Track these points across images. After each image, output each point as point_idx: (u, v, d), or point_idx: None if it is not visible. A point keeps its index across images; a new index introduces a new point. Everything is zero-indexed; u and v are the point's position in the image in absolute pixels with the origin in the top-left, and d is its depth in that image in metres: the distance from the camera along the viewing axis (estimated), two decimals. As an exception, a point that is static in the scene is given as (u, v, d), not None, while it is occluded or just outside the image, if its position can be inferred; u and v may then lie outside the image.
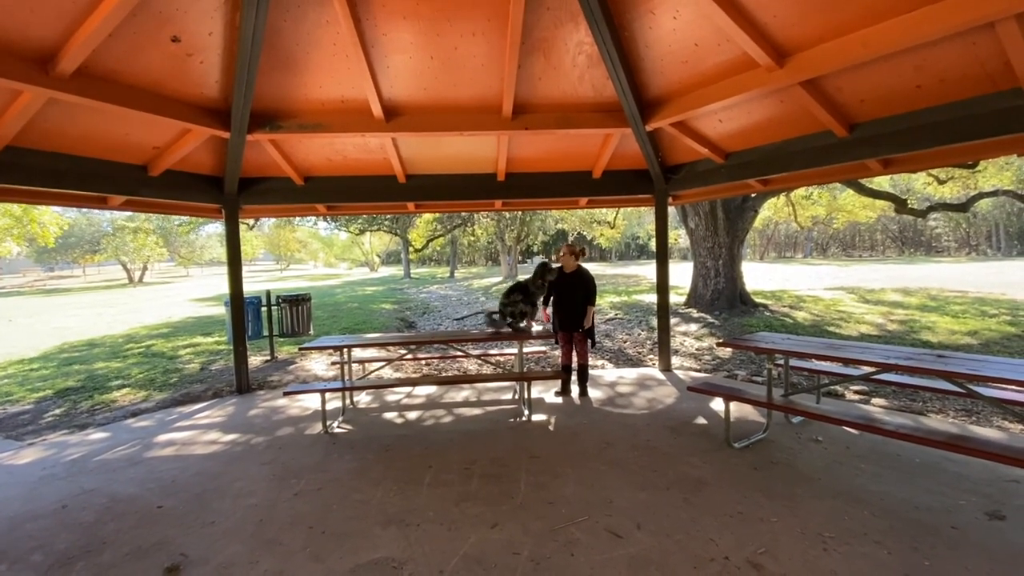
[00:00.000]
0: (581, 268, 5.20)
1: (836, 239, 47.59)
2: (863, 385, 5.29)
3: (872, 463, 3.51)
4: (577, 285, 5.13)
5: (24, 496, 3.41)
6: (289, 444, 4.23)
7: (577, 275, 5.16)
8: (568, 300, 5.15)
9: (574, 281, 5.15)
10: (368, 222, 26.27)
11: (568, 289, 5.16)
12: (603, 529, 2.79)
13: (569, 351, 5.35)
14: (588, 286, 5.11)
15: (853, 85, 4.00)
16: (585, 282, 5.11)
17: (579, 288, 5.11)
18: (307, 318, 8.09)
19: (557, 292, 5.24)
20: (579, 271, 5.18)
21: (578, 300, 5.09)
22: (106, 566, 2.59)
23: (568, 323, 5.16)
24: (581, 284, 5.12)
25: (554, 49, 4.72)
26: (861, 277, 18.26)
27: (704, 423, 4.40)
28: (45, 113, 3.98)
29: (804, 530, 2.72)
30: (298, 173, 5.92)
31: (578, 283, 5.13)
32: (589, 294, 5.09)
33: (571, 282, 5.16)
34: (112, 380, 6.93)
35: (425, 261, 48.66)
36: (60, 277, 40.54)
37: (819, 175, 5.47)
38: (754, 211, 10.78)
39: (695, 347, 7.78)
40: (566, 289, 5.17)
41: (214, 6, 3.96)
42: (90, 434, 4.71)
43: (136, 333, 11.49)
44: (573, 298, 5.12)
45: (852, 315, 10.17)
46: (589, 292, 5.10)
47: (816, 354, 3.57)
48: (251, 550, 2.70)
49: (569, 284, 5.16)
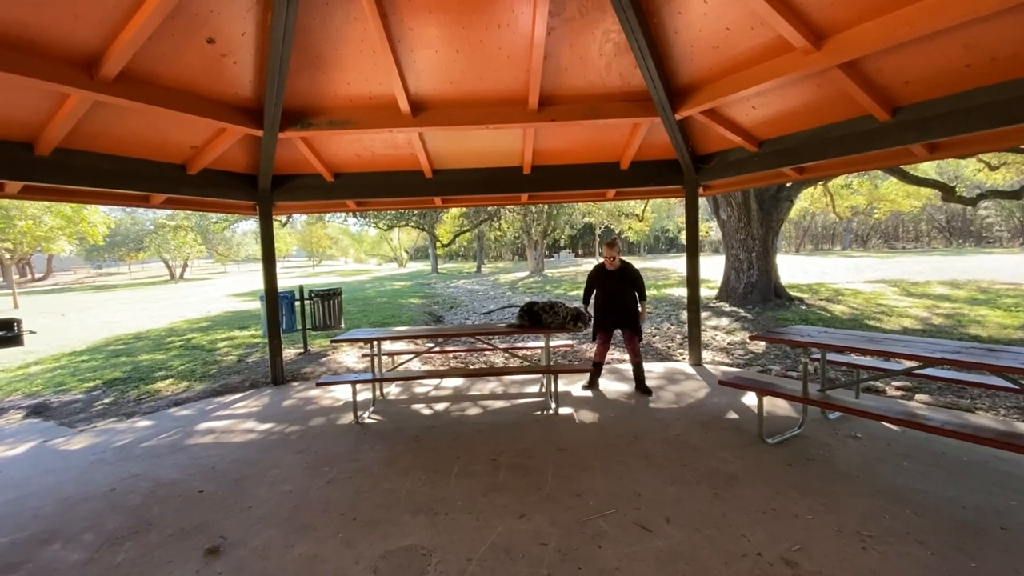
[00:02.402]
0: (625, 263, 5.02)
1: (877, 230, 45.68)
2: (905, 380, 5.07)
3: (915, 461, 3.37)
4: (625, 280, 4.96)
5: (77, 479, 3.61)
6: (321, 434, 4.35)
7: (623, 270, 4.98)
8: (618, 298, 4.96)
9: (621, 277, 4.97)
10: (396, 218, 26.62)
11: (616, 286, 4.97)
12: (631, 522, 2.76)
13: (605, 349, 5.22)
14: (637, 280, 4.97)
15: (896, 66, 3.81)
16: (633, 277, 4.97)
17: (627, 283, 4.95)
18: (338, 312, 8.27)
19: (603, 291, 5.04)
20: (624, 266, 5.00)
21: (627, 297, 4.94)
22: (152, 546, 2.72)
23: (619, 321, 4.97)
24: (629, 279, 4.96)
25: (580, 38, 4.66)
26: (904, 269, 17.47)
27: (736, 418, 4.31)
28: (90, 116, 4.17)
29: (841, 528, 2.64)
30: (328, 169, 6.04)
31: (626, 278, 4.96)
32: (640, 289, 4.97)
33: (618, 278, 4.98)
34: (156, 371, 7.25)
35: (452, 256, 49.07)
36: (108, 274, 42.60)
37: (859, 162, 5.24)
38: (789, 201, 10.44)
39: (726, 341, 7.61)
40: (613, 286, 4.98)
41: (246, 7, 4.06)
42: (136, 422, 4.94)
43: (177, 327, 11.98)
44: (623, 295, 4.94)
45: (894, 309, 9.76)
46: (640, 287, 4.97)
47: (855, 347, 3.43)
48: (286, 534, 2.78)
49: (617, 280, 4.97)
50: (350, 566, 2.48)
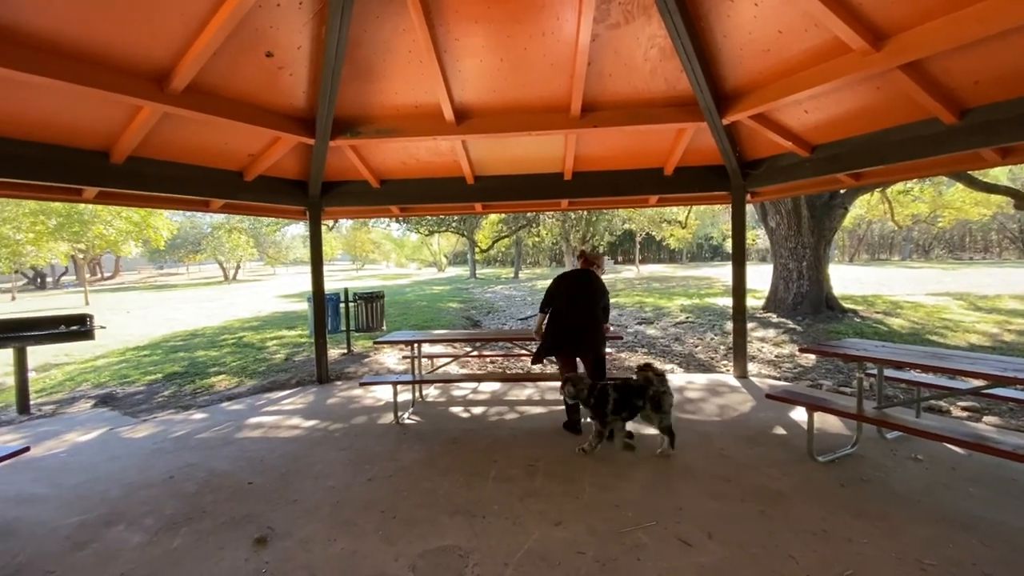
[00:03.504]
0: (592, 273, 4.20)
1: (941, 239, 42.84)
2: (972, 401, 4.73)
3: (983, 487, 3.14)
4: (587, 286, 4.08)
5: (139, 466, 3.85)
6: (363, 432, 4.46)
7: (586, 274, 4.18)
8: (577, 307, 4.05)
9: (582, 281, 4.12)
10: (437, 223, 27.10)
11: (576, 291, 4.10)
12: (672, 536, 2.70)
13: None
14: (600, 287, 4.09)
15: (964, 66, 3.59)
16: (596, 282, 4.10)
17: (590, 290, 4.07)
18: (380, 314, 8.48)
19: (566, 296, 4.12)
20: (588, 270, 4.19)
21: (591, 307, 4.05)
22: (205, 532, 2.87)
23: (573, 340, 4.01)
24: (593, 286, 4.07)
25: (625, 44, 4.63)
26: (972, 282, 16.32)
27: (783, 434, 4.13)
28: (159, 126, 4.47)
29: (900, 555, 2.48)
30: (374, 176, 6.23)
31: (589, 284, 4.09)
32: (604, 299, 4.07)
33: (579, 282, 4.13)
34: (210, 367, 7.65)
35: (490, 262, 49.42)
36: (168, 274, 45.33)
37: (922, 167, 4.96)
38: (843, 208, 9.96)
39: (774, 354, 7.32)
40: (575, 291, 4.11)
41: (302, 21, 4.26)
42: (192, 414, 5.22)
43: (230, 325, 12.60)
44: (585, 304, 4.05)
45: (960, 323, 9.13)
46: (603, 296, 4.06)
47: (916, 363, 3.23)
48: (329, 528, 2.87)
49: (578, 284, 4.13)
50: (389, 563, 2.53)
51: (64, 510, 3.17)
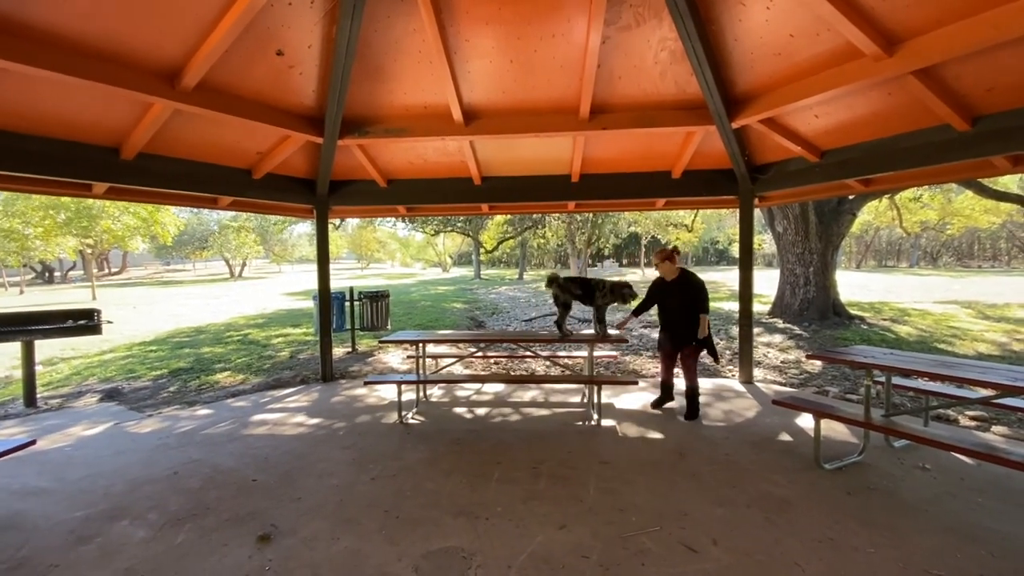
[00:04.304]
0: (685, 271, 4.70)
1: (949, 247, 42.55)
2: (981, 410, 4.69)
3: (992, 498, 3.10)
4: (683, 292, 4.62)
5: (143, 461, 3.87)
6: (367, 431, 4.46)
7: (681, 280, 4.66)
8: (674, 310, 4.67)
9: (678, 288, 4.66)
10: (442, 224, 27.13)
11: (671, 298, 4.68)
12: (676, 541, 2.68)
13: (670, 366, 4.90)
14: (696, 291, 4.56)
15: (978, 72, 3.56)
16: (693, 287, 4.58)
17: (686, 295, 4.60)
18: (385, 314, 8.49)
19: (660, 304, 4.78)
20: (683, 275, 4.68)
21: (685, 309, 4.58)
22: (209, 529, 2.87)
23: (677, 338, 4.67)
24: (689, 290, 4.59)
25: (635, 47, 4.62)
26: (980, 290, 16.18)
27: (789, 440, 4.10)
28: (170, 123, 4.49)
29: (907, 565, 2.45)
30: (382, 176, 6.24)
31: (684, 289, 4.61)
32: (700, 300, 4.54)
33: (674, 290, 4.68)
34: (216, 363, 7.68)
35: (495, 263, 49.44)
36: (175, 270, 45.60)
37: (932, 174, 4.93)
38: (852, 214, 9.92)
39: (779, 359, 7.28)
40: (668, 298, 4.70)
41: (313, 21, 4.27)
42: (197, 410, 5.24)
43: (236, 322, 12.65)
44: (679, 308, 4.62)
45: (968, 332, 9.05)
46: (699, 298, 4.55)
47: (924, 371, 3.20)
48: (332, 527, 2.87)
49: (672, 292, 4.68)
50: (392, 563, 2.52)
51: (68, 504, 3.19)
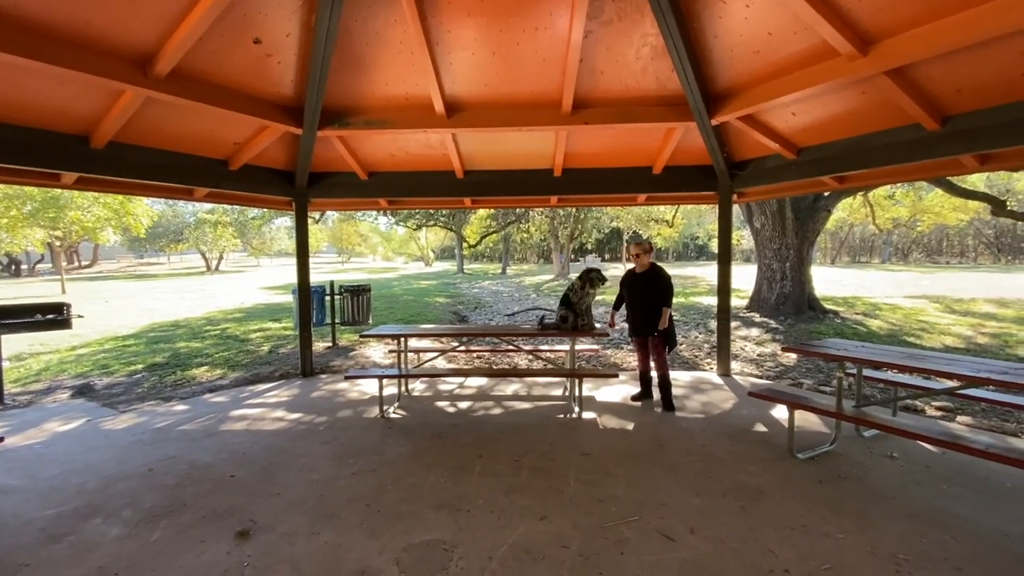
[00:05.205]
0: (655, 267, 4.88)
1: (920, 243, 43.82)
2: (947, 401, 4.86)
3: (955, 484, 3.23)
4: (650, 285, 4.81)
5: (117, 458, 3.78)
6: (348, 426, 4.43)
7: (650, 274, 4.85)
8: (640, 302, 4.85)
9: (646, 281, 4.85)
10: (425, 217, 26.93)
11: (640, 290, 4.86)
12: (654, 531, 2.73)
13: (645, 357, 5.06)
14: (662, 285, 4.75)
15: (947, 73, 3.67)
16: (659, 281, 4.77)
17: (652, 288, 4.79)
18: (367, 308, 8.41)
19: (629, 294, 4.96)
20: (653, 270, 4.86)
21: (651, 301, 4.76)
22: (186, 526, 2.83)
23: (641, 327, 4.85)
24: (655, 284, 4.78)
25: (617, 42, 4.64)
26: (948, 285, 16.74)
27: (764, 431, 4.20)
28: (142, 112, 4.37)
29: (875, 549, 2.55)
30: (363, 168, 6.16)
31: (651, 283, 4.81)
32: (663, 294, 4.74)
33: (643, 282, 4.86)
34: (193, 358, 7.52)
35: (478, 257, 49.32)
36: (148, 264, 44.38)
37: (904, 172, 5.07)
38: (827, 211, 10.14)
39: (756, 352, 7.43)
40: (638, 290, 4.88)
41: (292, 8, 4.19)
42: (174, 406, 5.13)
43: (213, 317, 12.40)
44: (646, 299, 4.81)
45: (936, 326, 9.36)
46: (663, 292, 4.75)
47: (893, 363, 3.31)
48: (312, 522, 2.85)
49: (641, 284, 4.87)
50: (374, 556, 2.52)
51: (39, 502, 3.11)
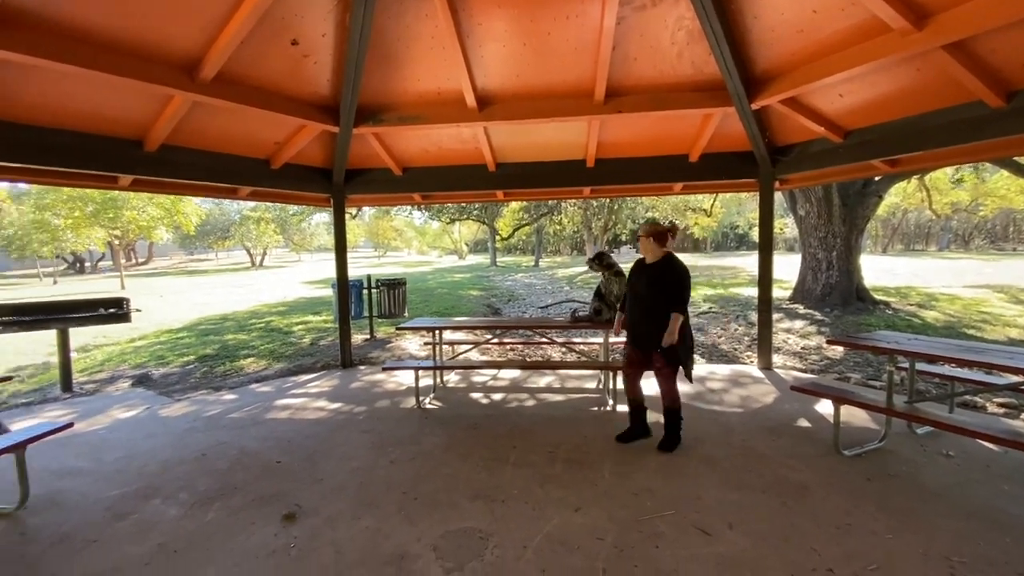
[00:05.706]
0: (670, 256, 3.50)
1: (982, 229, 40.98)
2: (1010, 397, 4.57)
3: (1018, 484, 3.04)
4: (655, 280, 3.45)
5: (173, 444, 4.02)
6: (386, 416, 4.55)
7: (661, 266, 3.48)
8: (642, 302, 3.51)
9: (654, 274, 3.48)
10: (458, 211, 27.15)
11: (643, 286, 3.51)
12: (691, 525, 2.69)
13: (637, 376, 3.69)
14: (671, 280, 3.39)
15: (1013, 45, 3.40)
16: (670, 274, 3.41)
17: (658, 284, 3.43)
18: (402, 301, 8.59)
19: (630, 290, 3.66)
20: (666, 260, 3.48)
21: (655, 302, 3.42)
22: (236, 508, 2.99)
23: (641, 337, 3.54)
24: (662, 278, 3.42)
25: (651, 27, 4.53)
26: (1015, 274, 15.62)
27: (807, 426, 4.06)
28: (190, 115, 4.57)
29: (927, 551, 2.43)
30: (397, 164, 6.26)
31: (658, 277, 3.44)
32: (672, 293, 3.36)
33: (649, 276, 3.50)
34: (240, 350, 7.88)
35: (511, 250, 49.33)
36: (198, 260, 46.63)
37: (965, 153, 4.72)
38: (877, 196, 9.63)
39: (800, 345, 7.17)
40: (641, 286, 3.54)
41: (327, 9, 4.28)
42: (223, 395, 5.40)
43: (258, 310, 12.93)
44: (649, 299, 3.46)
45: (999, 317, 8.77)
46: (672, 289, 3.37)
47: (950, 357, 3.13)
48: (353, 507, 2.96)
49: (646, 279, 3.52)
50: (412, 542, 2.60)
51: (104, 483, 3.34)
